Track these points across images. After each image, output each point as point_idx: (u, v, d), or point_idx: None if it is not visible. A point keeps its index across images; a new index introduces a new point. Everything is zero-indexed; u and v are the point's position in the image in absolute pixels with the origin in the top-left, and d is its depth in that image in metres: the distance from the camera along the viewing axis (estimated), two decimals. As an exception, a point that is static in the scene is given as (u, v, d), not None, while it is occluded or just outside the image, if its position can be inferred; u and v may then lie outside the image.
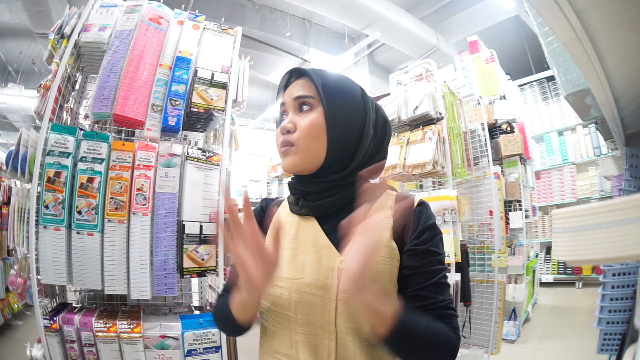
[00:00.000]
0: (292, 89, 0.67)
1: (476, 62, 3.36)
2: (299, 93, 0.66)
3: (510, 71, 3.95)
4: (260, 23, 4.92)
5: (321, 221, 0.65)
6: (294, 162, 0.64)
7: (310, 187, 0.66)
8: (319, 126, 0.64)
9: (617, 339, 1.37)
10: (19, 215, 1.40)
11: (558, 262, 4.29)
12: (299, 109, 0.66)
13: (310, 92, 0.65)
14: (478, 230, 2.52)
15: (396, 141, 2.13)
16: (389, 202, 0.64)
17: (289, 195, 0.73)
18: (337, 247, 0.61)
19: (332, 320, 0.57)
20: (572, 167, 4.35)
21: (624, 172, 1.41)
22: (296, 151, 0.64)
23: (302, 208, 0.66)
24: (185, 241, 1.38)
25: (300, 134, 0.64)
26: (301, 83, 0.67)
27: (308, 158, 0.64)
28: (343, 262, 0.56)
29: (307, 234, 0.65)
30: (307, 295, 0.60)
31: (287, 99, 0.67)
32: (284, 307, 0.61)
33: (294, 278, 0.61)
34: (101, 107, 1.36)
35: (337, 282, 0.58)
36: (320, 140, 0.64)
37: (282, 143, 0.65)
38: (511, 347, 2.74)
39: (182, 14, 1.61)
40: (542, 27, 1.30)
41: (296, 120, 0.65)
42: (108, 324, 1.27)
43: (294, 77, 0.70)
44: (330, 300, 0.58)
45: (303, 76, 0.68)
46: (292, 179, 0.70)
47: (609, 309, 1.38)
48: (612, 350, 1.38)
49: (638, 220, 0.35)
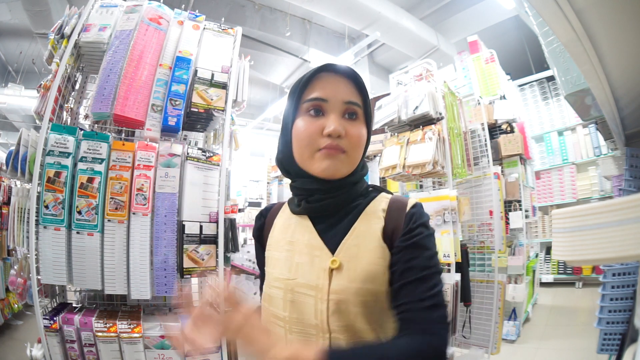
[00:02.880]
0: (338, 88, 0.64)
1: (476, 62, 3.36)
2: (351, 99, 0.64)
3: (510, 71, 3.95)
4: (260, 23, 4.92)
5: (315, 221, 0.66)
6: (340, 169, 0.63)
7: (318, 184, 0.64)
8: (364, 139, 0.66)
9: (617, 339, 1.37)
10: (19, 215, 1.40)
11: (558, 262, 4.29)
12: (345, 114, 0.64)
13: (358, 101, 0.65)
14: (478, 230, 2.52)
15: (396, 141, 2.13)
16: (382, 206, 0.65)
17: (290, 197, 0.73)
18: (329, 247, 0.62)
19: (324, 320, 0.58)
20: (572, 167, 4.34)
21: (624, 172, 1.41)
22: (346, 160, 0.63)
23: (302, 208, 0.66)
24: (185, 241, 1.38)
25: (353, 144, 0.63)
26: (348, 86, 0.65)
27: (351, 168, 0.65)
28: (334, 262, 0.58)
29: (302, 235, 0.65)
30: (301, 296, 0.61)
31: (332, 98, 0.63)
32: (279, 306, 0.63)
33: (288, 279, 0.63)
34: (101, 107, 1.36)
35: (328, 283, 0.59)
36: (362, 152, 0.66)
37: (330, 146, 0.61)
38: (511, 347, 2.74)
39: (182, 14, 1.61)
40: (542, 27, 1.31)
41: (346, 127, 0.63)
42: (108, 324, 1.27)
43: (332, 73, 0.65)
44: (322, 300, 0.58)
45: (347, 77, 0.65)
46: (297, 181, 0.68)
47: (609, 309, 1.38)
48: (612, 350, 1.38)
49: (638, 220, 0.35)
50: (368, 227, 0.62)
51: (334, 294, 0.58)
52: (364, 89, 0.66)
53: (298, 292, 0.61)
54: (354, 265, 0.59)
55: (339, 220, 0.65)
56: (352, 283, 0.58)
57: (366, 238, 0.61)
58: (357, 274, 0.58)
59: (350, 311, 0.57)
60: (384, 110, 2.21)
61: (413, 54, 5.19)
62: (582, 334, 2.65)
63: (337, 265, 0.59)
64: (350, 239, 0.62)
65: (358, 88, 0.65)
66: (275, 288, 0.64)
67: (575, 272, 4.17)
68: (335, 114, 0.63)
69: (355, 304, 0.57)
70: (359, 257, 0.60)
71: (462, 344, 2.28)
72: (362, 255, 0.60)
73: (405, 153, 2.02)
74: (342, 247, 0.61)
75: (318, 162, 0.62)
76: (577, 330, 2.85)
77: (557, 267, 4.32)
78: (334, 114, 0.63)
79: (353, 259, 0.60)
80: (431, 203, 1.97)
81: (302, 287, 0.61)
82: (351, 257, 0.60)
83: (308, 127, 0.63)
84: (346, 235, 0.62)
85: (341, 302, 0.57)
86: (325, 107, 0.63)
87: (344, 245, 0.61)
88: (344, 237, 0.62)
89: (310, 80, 0.65)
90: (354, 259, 0.60)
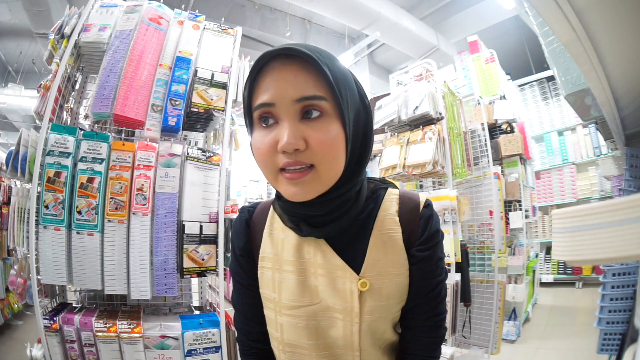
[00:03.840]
0: (286, 84, 0.46)
1: (476, 62, 3.36)
2: (305, 93, 0.46)
3: (510, 71, 3.95)
4: (260, 23, 4.92)
5: (328, 238, 0.56)
6: (313, 191, 0.49)
7: (315, 210, 0.52)
8: (339, 141, 0.48)
9: (617, 339, 1.37)
10: (19, 215, 1.40)
11: (558, 262, 4.29)
12: (301, 115, 0.47)
13: (321, 92, 0.47)
14: (478, 230, 2.52)
15: (396, 141, 2.13)
16: (394, 207, 0.57)
17: (274, 202, 0.60)
18: (352, 266, 0.54)
19: (356, 341, 0.53)
20: (572, 167, 4.34)
21: (624, 172, 1.41)
22: (317, 177, 0.48)
23: (306, 233, 0.55)
24: (185, 241, 1.38)
25: (321, 153, 0.47)
26: (303, 76, 0.47)
27: (329, 182, 0.50)
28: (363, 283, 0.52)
29: (313, 254, 0.56)
30: (326, 320, 0.54)
31: (279, 99, 0.47)
32: (301, 335, 0.55)
33: (309, 304, 0.55)
34: (101, 107, 1.36)
35: (359, 305, 0.53)
36: (341, 157, 0.49)
37: (288, 165, 0.47)
38: (511, 347, 2.74)
39: (182, 14, 1.61)
40: (542, 27, 1.31)
41: (305, 133, 0.46)
42: (108, 324, 1.27)
43: (279, 63, 0.47)
44: (352, 322, 0.53)
45: (299, 60, 0.47)
46: (282, 199, 0.55)
47: (609, 309, 1.39)
48: (612, 350, 1.38)
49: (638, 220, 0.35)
50: (387, 235, 0.56)
51: (367, 315, 0.53)
52: (333, 71, 0.47)
53: (323, 317, 0.54)
54: (383, 282, 0.54)
55: (352, 232, 0.56)
56: (383, 302, 0.54)
57: (388, 249, 0.55)
58: (388, 292, 0.54)
59: (380, 327, 0.55)
60: (384, 110, 2.21)
61: (413, 54, 5.19)
62: (582, 334, 2.65)
63: (367, 288, 0.53)
64: (373, 254, 0.54)
65: (320, 73, 0.46)
66: (291, 316, 0.55)
67: (575, 272, 4.17)
68: (287, 119, 0.47)
69: (387, 319, 0.55)
70: (386, 273, 0.54)
71: (462, 344, 2.28)
72: (388, 270, 0.54)
73: (405, 153, 2.02)
74: (367, 265, 0.54)
75: (284, 186, 0.49)
76: (577, 330, 2.85)
77: (557, 267, 4.32)
78: (286, 120, 0.47)
79: (381, 276, 0.54)
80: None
81: (328, 311, 0.54)
82: (378, 274, 0.54)
83: (261, 144, 0.49)
84: (367, 250, 0.54)
85: (374, 321, 0.54)
86: (274, 113, 0.48)
87: (367, 262, 0.54)
88: (366, 253, 0.54)
89: (255, 79, 0.49)
90: (382, 275, 0.54)
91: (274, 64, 0.48)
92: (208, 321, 1.38)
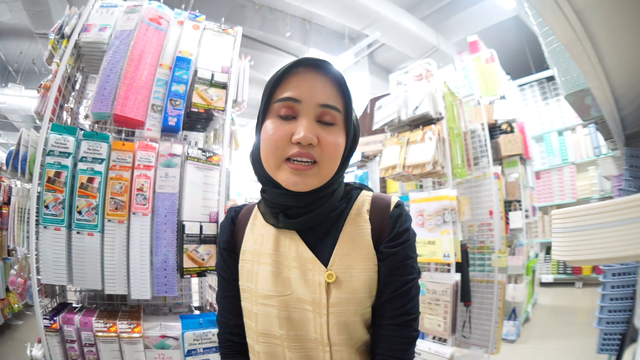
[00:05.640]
0: (315, 88, 0.56)
1: (476, 62, 3.36)
2: (329, 101, 0.56)
3: (510, 71, 3.95)
4: (260, 23, 4.92)
5: (302, 233, 0.61)
6: (311, 184, 0.57)
7: (293, 200, 0.59)
8: (341, 149, 0.58)
9: (616, 339, 1.37)
10: (19, 215, 1.40)
11: (558, 262, 4.29)
12: (318, 118, 0.56)
13: (338, 105, 0.57)
14: (478, 230, 2.52)
15: (396, 141, 2.13)
16: (366, 206, 0.62)
17: (260, 202, 0.67)
18: (321, 258, 0.58)
19: (325, 334, 0.56)
20: (572, 167, 4.34)
21: (624, 172, 1.41)
22: (318, 173, 0.56)
23: (282, 224, 0.60)
24: (185, 241, 1.38)
25: (327, 154, 0.56)
26: (328, 86, 0.57)
27: (325, 180, 0.58)
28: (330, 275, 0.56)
29: (288, 247, 0.60)
30: (297, 311, 0.57)
31: (307, 99, 0.55)
32: (273, 324, 0.58)
33: (282, 295, 0.58)
34: (101, 107, 1.36)
35: (326, 297, 0.56)
36: (338, 161, 0.59)
37: (298, 155, 0.55)
38: (511, 347, 2.74)
39: (182, 14, 1.61)
40: (542, 27, 1.31)
41: (318, 133, 0.55)
42: (108, 323, 1.27)
43: (310, 69, 0.57)
44: (321, 314, 0.56)
45: (328, 75, 0.57)
46: (267, 191, 0.62)
47: (608, 309, 1.39)
48: (611, 350, 1.38)
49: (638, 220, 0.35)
50: (357, 232, 0.60)
51: (333, 307, 0.56)
52: (348, 92, 0.58)
53: (294, 308, 0.58)
54: (350, 275, 0.57)
55: (324, 228, 0.61)
56: (350, 294, 0.56)
57: (357, 244, 0.59)
58: (354, 285, 0.57)
59: (350, 322, 0.56)
60: (384, 110, 2.21)
61: (413, 54, 5.19)
62: (582, 334, 2.65)
63: (334, 280, 0.56)
64: (341, 248, 0.59)
65: (340, 90, 0.58)
66: (265, 305, 0.59)
67: (575, 272, 4.17)
68: (307, 117, 0.55)
69: (355, 313, 0.56)
70: (353, 267, 0.57)
71: (462, 343, 2.28)
72: (356, 264, 0.58)
73: (405, 153, 2.03)
74: (335, 258, 0.58)
75: (286, 174, 0.56)
76: (577, 330, 2.85)
77: (557, 267, 4.32)
78: (306, 117, 0.55)
79: (348, 269, 0.57)
80: (431, 203, 1.97)
81: (298, 303, 0.58)
82: (346, 268, 0.57)
83: (276, 131, 0.56)
84: (336, 245, 0.59)
85: (341, 314, 0.56)
86: (297, 109, 0.56)
87: (336, 256, 0.58)
88: (334, 247, 0.59)
89: (283, 76, 0.57)
90: (349, 269, 0.57)
91: (306, 69, 0.57)
92: (208, 321, 1.38)
